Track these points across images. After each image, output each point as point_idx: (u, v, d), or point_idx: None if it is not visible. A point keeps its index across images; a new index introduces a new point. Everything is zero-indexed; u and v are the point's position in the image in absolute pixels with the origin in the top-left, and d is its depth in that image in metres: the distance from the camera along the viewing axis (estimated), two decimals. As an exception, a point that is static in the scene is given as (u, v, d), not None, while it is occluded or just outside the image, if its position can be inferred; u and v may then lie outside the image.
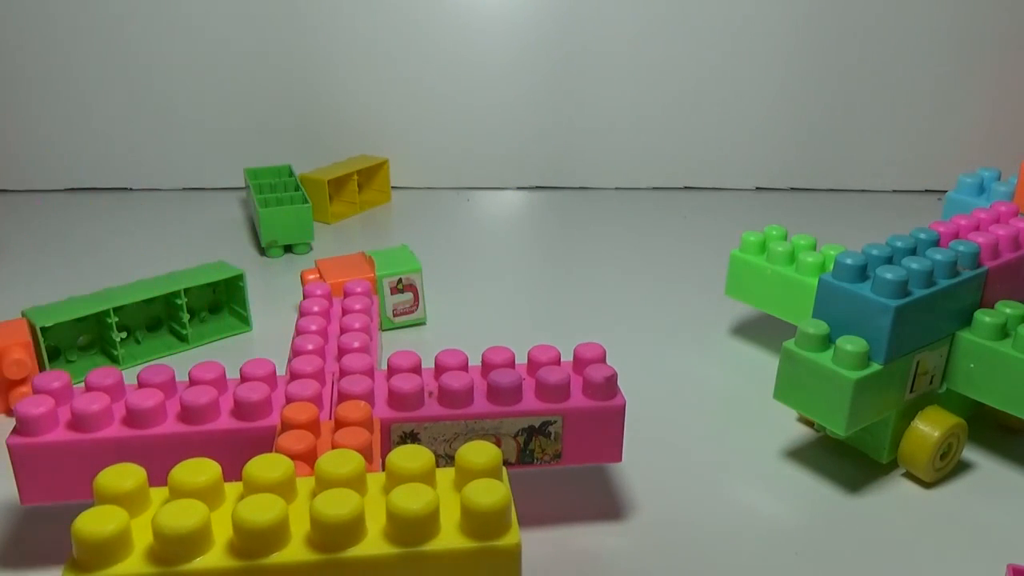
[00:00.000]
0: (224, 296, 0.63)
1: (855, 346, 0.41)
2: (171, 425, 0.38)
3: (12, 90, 0.92)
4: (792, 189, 1.02)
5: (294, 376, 0.41)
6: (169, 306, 0.60)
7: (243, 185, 0.90)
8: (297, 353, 0.44)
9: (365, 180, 0.92)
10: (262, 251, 0.78)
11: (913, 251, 0.45)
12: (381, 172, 0.93)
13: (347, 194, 0.90)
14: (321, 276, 0.61)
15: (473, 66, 0.95)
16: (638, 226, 0.88)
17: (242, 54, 0.93)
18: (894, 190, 1.02)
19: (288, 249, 0.78)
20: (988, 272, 0.45)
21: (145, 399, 0.37)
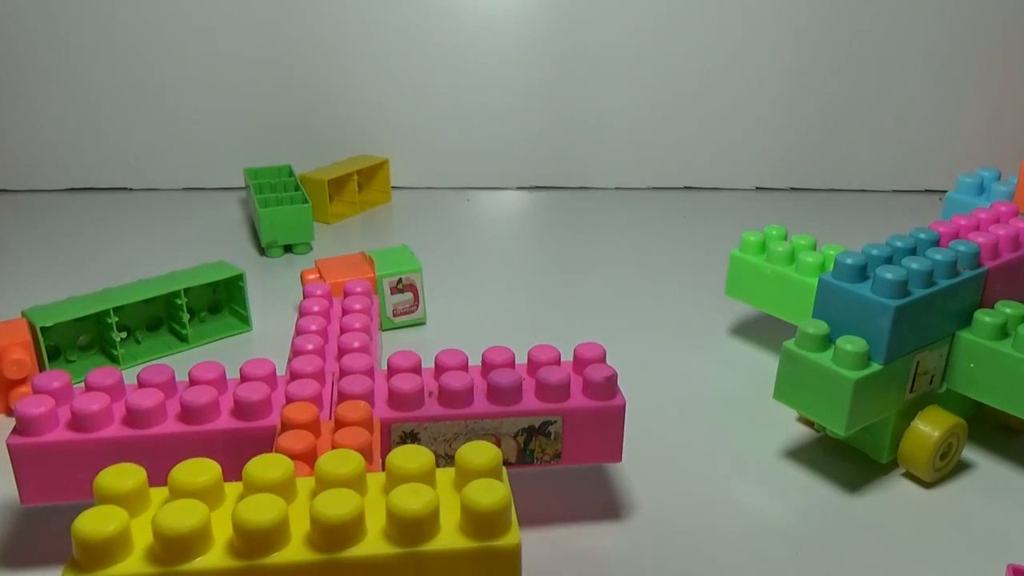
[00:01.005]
0: (224, 296, 0.63)
1: (855, 346, 0.41)
2: (171, 425, 0.38)
3: (13, 90, 0.92)
4: (792, 189, 1.02)
5: (294, 376, 0.41)
6: (169, 306, 0.60)
7: (243, 185, 0.90)
8: (297, 353, 0.44)
9: (365, 180, 0.92)
10: (262, 251, 0.78)
11: (913, 251, 0.45)
12: (381, 172, 0.93)
13: (347, 194, 0.90)
14: (321, 276, 0.61)
15: (473, 66, 0.95)
16: (638, 226, 0.88)
17: (242, 54, 0.93)
18: (894, 190, 1.02)
19: (288, 249, 0.78)
20: (988, 272, 0.45)
21: (145, 399, 0.37)
